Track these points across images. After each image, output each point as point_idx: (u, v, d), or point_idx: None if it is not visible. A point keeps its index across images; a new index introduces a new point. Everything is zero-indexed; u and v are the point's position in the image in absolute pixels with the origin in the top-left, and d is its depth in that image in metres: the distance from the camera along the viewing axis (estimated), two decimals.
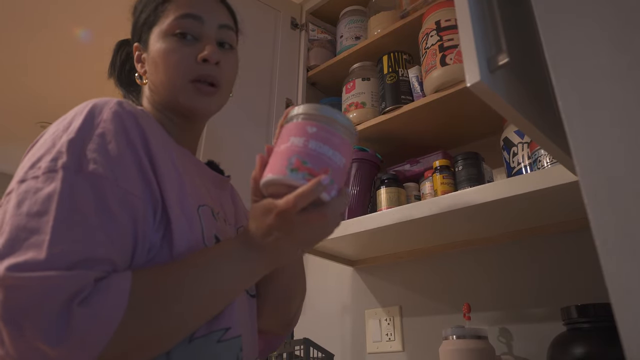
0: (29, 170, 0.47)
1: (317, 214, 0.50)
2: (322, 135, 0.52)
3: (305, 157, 0.50)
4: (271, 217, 0.50)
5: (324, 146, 0.52)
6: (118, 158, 0.49)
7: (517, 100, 0.62)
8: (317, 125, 0.52)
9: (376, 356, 1.31)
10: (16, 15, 1.98)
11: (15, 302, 0.38)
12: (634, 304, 0.42)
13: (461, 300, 1.17)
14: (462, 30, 0.59)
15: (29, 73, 2.36)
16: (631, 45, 0.49)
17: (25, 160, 0.51)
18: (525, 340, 1.05)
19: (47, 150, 0.48)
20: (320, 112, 0.53)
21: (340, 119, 0.54)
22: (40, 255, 0.40)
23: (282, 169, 0.50)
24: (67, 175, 0.46)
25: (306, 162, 0.50)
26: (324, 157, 0.51)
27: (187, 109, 0.65)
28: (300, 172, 0.50)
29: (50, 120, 2.79)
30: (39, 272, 0.39)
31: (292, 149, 0.51)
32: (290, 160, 0.50)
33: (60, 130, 0.51)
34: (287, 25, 1.45)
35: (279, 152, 0.52)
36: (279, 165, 0.51)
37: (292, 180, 0.49)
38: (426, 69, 1.08)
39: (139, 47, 0.69)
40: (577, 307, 0.79)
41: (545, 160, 0.88)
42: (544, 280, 1.07)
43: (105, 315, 0.41)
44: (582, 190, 0.48)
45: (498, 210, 0.95)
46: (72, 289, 0.40)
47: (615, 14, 0.51)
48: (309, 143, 0.51)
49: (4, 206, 0.46)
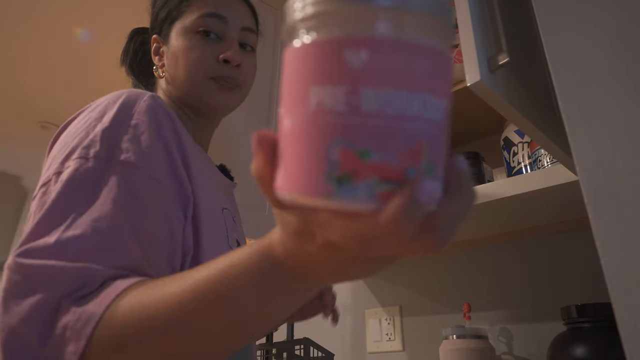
0: (65, 162, 0.45)
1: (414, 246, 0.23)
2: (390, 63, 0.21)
3: (364, 139, 0.21)
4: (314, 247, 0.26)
5: (396, 93, 0.21)
6: (151, 150, 0.47)
7: (517, 99, 0.62)
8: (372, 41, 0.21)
9: (376, 356, 1.31)
10: (16, 15, 1.98)
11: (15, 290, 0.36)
12: (634, 304, 0.42)
13: (461, 300, 1.17)
14: (462, 29, 0.59)
15: (29, 73, 2.36)
16: (631, 45, 0.49)
17: (56, 150, 0.49)
18: (525, 339, 1.05)
19: (81, 140, 0.47)
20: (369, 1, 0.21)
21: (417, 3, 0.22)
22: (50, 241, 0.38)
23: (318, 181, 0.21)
24: (98, 163, 0.44)
25: (368, 151, 0.21)
26: (405, 122, 0.21)
27: (206, 104, 0.65)
28: (360, 180, 0.21)
29: (50, 120, 2.79)
30: (43, 261, 0.37)
31: (325, 124, 0.21)
32: (331, 156, 0.21)
33: (92, 119, 0.49)
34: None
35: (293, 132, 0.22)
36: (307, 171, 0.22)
37: (345, 203, 0.21)
38: None
39: (158, 39, 0.69)
40: (577, 307, 0.79)
41: (546, 160, 0.88)
42: (544, 280, 1.07)
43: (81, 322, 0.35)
44: (583, 190, 0.48)
45: (498, 210, 0.95)
46: (73, 284, 0.36)
47: (616, 15, 0.51)
48: (361, 98, 0.21)
49: (39, 198, 0.44)
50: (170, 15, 0.68)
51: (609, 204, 0.46)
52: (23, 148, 3.17)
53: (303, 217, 0.25)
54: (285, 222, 0.27)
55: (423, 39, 0.22)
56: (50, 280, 0.36)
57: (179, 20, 0.67)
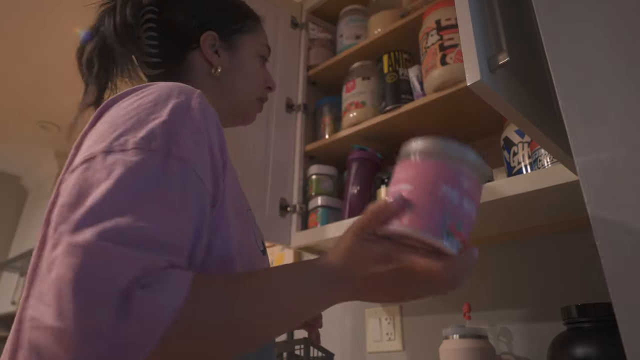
0: (114, 142, 0.44)
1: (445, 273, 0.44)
2: (474, 191, 0.45)
3: (460, 220, 0.44)
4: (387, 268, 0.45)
5: (473, 205, 0.45)
6: (200, 148, 0.48)
7: (517, 99, 0.62)
8: (471, 179, 0.45)
9: (376, 355, 1.31)
10: (16, 15, 1.98)
11: (91, 271, 0.35)
12: (634, 304, 0.42)
13: (461, 300, 1.17)
14: (462, 29, 0.59)
15: (29, 73, 2.36)
16: (631, 45, 0.49)
17: (102, 128, 0.48)
18: (525, 339, 1.05)
19: (133, 126, 0.46)
20: (470, 158, 0.46)
21: (481, 163, 0.47)
22: (124, 229, 0.38)
23: (437, 230, 0.43)
24: (158, 157, 0.44)
25: (460, 227, 0.44)
26: (471, 219, 0.45)
27: (246, 118, 0.76)
28: (455, 238, 0.43)
29: (50, 120, 2.79)
30: (121, 247, 0.36)
31: (446, 205, 0.43)
32: (446, 221, 0.43)
33: (144, 107, 0.48)
34: (288, 24, 1.45)
35: (429, 197, 0.44)
36: (433, 221, 0.43)
37: (447, 247, 0.43)
38: (426, 68, 1.08)
39: (216, 37, 0.70)
40: (578, 307, 0.79)
41: (546, 160, 0.87)
42: (544, 280, 1.07)
43: (164, 302, 0.36)
44: (583, 190, 0.48)
45: (498, 210, 0.95)
46: (140, 271, 0.37)
47: (616, 14, 0.51)
48: (463, 202, 0.44)
49: (82, 173, 0.43)
50: (243, 25, 0.74)
51: (609, 204, 0.46)
52: (23, 148, 3.17)
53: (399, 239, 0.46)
54: (369, 249, 0.46)
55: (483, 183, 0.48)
56: (124, 264, 0.36)
57: (250, 35, 0.75)
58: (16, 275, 3.01)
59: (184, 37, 0.69)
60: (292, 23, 1.47)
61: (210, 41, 0.70)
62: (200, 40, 0.69)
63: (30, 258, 0.50)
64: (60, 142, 3.05)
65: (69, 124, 0.68)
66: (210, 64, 0.69)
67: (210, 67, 0.69)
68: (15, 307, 2.80)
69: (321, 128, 1.39)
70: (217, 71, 0.69)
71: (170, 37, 0.69)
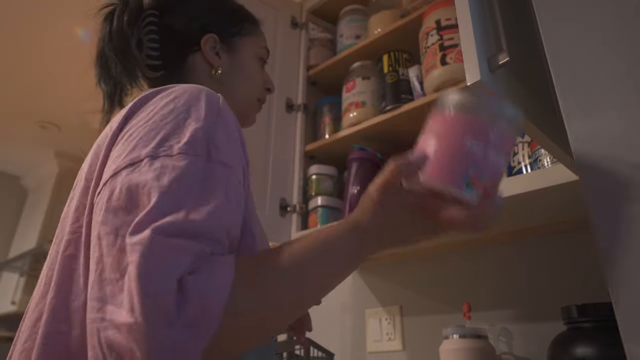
0: (159, 147, 0.46)
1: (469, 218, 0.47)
2: (502, 141, 0.46)
3: (483, 172, 0.45)
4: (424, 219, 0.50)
5: (500, 156, 0.46)
6: (235, 149, 0.50)
7: (517, 99, 0.62)
8: (501, 131, 0.46)
9: (376, 355, 1.31)
10: (16, 15, 1.98)
11: (150, 264, 0.37)
12: (635, 304, 0.42)
13: (461, 300, 1.17)
14: (462, 29, 0.59)
15: (29, 73, 2.37)
16: (631, 45, 0.49)
17: (141, 131, 0.48)
18: (525, 339, 1.05)
19: (174, 130, 0.47)
20: (502, 108, 0.47)
21: (517, 116, 0.48)
22: (175, 223, 0.40)
23: (458, 181, 0.45)
24: (202, 161, 0.45)
25: (483, 177, 0.45)
26: (499, 170, 0.46)
27: (246, 119, 0.76)
28: (475, 188, 0.45)
29: (50, 120, 2.79)
30: (172, 239, 0.39)
31: (470, 157, 0.45)
32: (468, 173, 0.45)
33: (180, 111, 0.49)
34: (287, 24, 1.45)
35: (452, 151, 0.46)
36: (453, 174, 0.45)
37: (466, 197, 0.45)
38: (426, 68, 1.08)
39: (217, 40, 0.71)
40: (578, 307, 0.79)
41: (546, 160, 0.88)
42: (544, 280, 1.07)
43: (215, 280, 0.39)
44: (583, 190, 0.48)
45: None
46: (191, 259, 0.39)
47: (616, 14, 0.51)
48: (489, 153, 0.45)
49: (127, 176, 0.44)
50: (242, 28, 0.75)
51: (610, 203, 0.46)
52: (23, 148, 3.17)
53: (430, 198, 0.48)
54: (405, 201, 0.50)
55: (515, 133, 0.49)
56: (177, 254, 0.38)
57: (249, 38, 0.76)
58: (16, 275, 3.00)
59: (185, 39, 0.70)
60: (292, 23, 1.47)
61: (211, 43, 0.71)
62: (201, 42, 0.70)
63: (30, 258, 0.51)
64: (60, 142, 3.05)
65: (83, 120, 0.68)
66: (211, 65, 0.70)
67: (210, 68, 0.70)
68: (15, 307, 2.79)
69: (321, 128, 1.39)
70: (217, 73, 0.70)
71: (171, 40, 0.70)
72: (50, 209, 3.09)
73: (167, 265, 0.37)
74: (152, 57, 0.68)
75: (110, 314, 0.37)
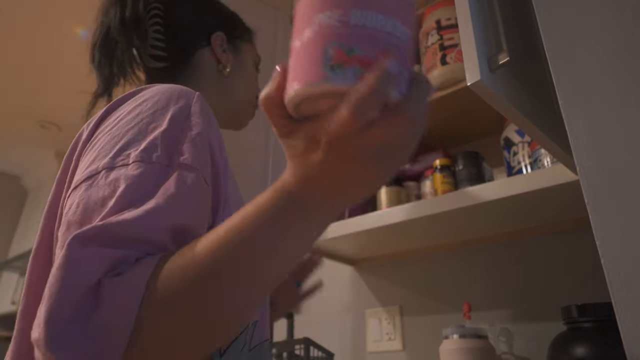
0: (117, 158, 0.44)
1: (392, 122, 0.30)
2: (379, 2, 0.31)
3: (350, 41, 0.30)
4: (320, 151, 0.33)
5: (375, 16, 0.31)
6: (204, 153, 0.48)
7: (517, 99, 0.62)
8: None
9: (376, 355, 1.31)
10: (16, 15, 1.98)
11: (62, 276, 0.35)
12: (634, 304, 0.42)
13: (461, 300, 1.17)
14: (462, 29, 0.59)
15: (29, 73, 2.36)
16: (632, 46, 0.49)
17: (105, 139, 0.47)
18: (525, 339, 1.05)
19: (135, 137, 0.46)
20: None
21: None
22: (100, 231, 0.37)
23: (317, 70, 0.30)
24: (158, 168, 0.44)
25: (353, 48, 0.30)
26: (380, 34, 0.31)
27: (240, 123, 0.79)
28: (348, 66, 0.30)
29: (50, 120, 2.79)
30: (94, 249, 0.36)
31: (324, 34, 0.31)
32: (327, 53, 0.30)
33: (144, 114, 0.48)
34: (288, 24, 1.45)
35: (302, 45, 0.32)
36: (309, 66, 0.31)
37: (336, 83, 0.30)
38: (426, 68, 1.08)
39: (224, 38, 0.74)
40: (578, 307, 0.79)
41: (546, 160, 0.87)
42: (545, 280, 1.07)
43: (129, 280, 0.36)
44: (583, 190, 0.48)
45: (498, 210, 0.95)
46: (111, 266, 0.36)
47: (617, 15, 0.51)
48: (350, 16, 0.31)
49: (85, 191, 0.43)
50: (244, 35, 0.79)
51: (609, 204, 0.46)
52: (23, 148, 3.17)
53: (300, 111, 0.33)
54: (292, 146, 0.35)
55: None
56: (96, 263, 0.36)
57: (249, 44, 0.79)
58: (16, 275, 3.01)
59: (195, 34, 0.72)
60: (292, 22, 1.47)
61: (220, 41, 0.73)
62: (210, 39, 0.72)
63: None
64: (60, 142, 3.05)
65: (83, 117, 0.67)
66: (219, 62, 0.73)
67: (217, 65, 0.73)
68: (15, 307, 2.80)
69: None
70: (225, 69, 0.73)
71: (178, 33, 0.71)
72: None
73: (78, 277, 0.35)
74: (158, 48, 0.69)
75: (34, 331, 0.35)
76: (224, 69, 0.73)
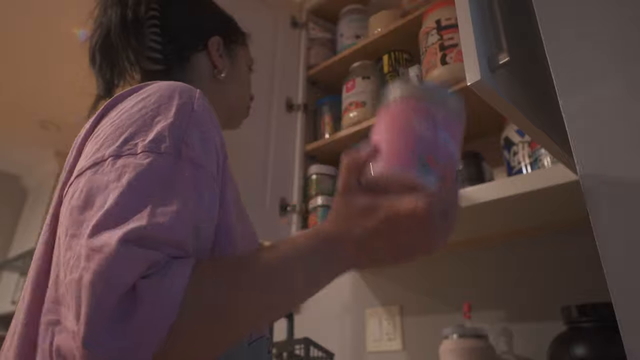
0: (123, 146, 0.44)
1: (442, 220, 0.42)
2: (451, 127, 0.43)
3: (438, 153, 0.41)
4: (377, 220, 0.42)
5: (451, 141, 0.43)
6: (208, 147, 0.48)
7: (517, 99, 0.62)
8: (446, 115, 0.43)
9: (376, 355, 1.31)
10: (17, 15, 1.98)
11: (105, 274, 0.36)
12: (634, 304, 0.42)
13: (461, 300, 1.17)
14: (462, 29, 0.59)
15: (29, 73, 2.36)
16: (632, 45, 0.49)
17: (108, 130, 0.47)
18: (525, 339, 1.05)
19: (140, 128, 0.46)
20: (442, 93, 0.45)
21: (459, 102, 0.45)
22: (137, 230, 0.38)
23: (413, 162, 0.40)
24: (168, 158, 0.44)
25: (439, 159, 0.40)
26: (453, 155, 0.43)
27: (235, 124, 0.81)
28: (433, 170, 0.40)
29: (50, 120, 2.79)
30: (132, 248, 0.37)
31: (422, 138, 0.41)
32: (421, 154, 0.40)
33: (149, 109, 0.48)
34: (287, 24, 1.45)
35: (398, 137, 0.42)
36: (405, 157, 0.41)
37: (423, 180, 0.40)
38: (426, 68, 1.08)
39: (221, 43, 0.75)
40: (578, 307, 0.79)
41: (546, 160, 0.87)
42: (545, 280, 1.07)
43: (168, 284, 0.37)
44: (583, 189, 0.48)
45: (498, 210, 0.95)
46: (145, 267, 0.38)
47: (617, 14, 0.51)
48: (439, 135, 0.41)
49: (91, 176, 0.43)
50: (240, 39, 0.80)
51: (609, 204, 0.46)
52: (23, 148, 3.17)
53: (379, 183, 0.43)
54: (349, 204, 0.44)
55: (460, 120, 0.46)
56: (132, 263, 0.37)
57: (244, 47, 0.80)
58: (16, 275, 3.00)
59: (192, 37, 0.72)
60: (292, 23, 1.47)
61: (217, 46, 0.73)
62: (207, 43, 0.72)
63: (30, 258, 0.51)
64: (60, 142, 3.05)
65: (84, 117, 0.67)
66: (215, 66, 0.73)
67: (213, 69, 0.73)
68: (15, 307, 2.79)
69: (321, 128, 1.39)
70: (221, 74, 0.73)
71: (174, 36, 0.70)
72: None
73: (120, 276, 0.36)
74: (154, 50, 0.68)
75: (64, 317, 0.36)
76: (219, 74, 0.72)
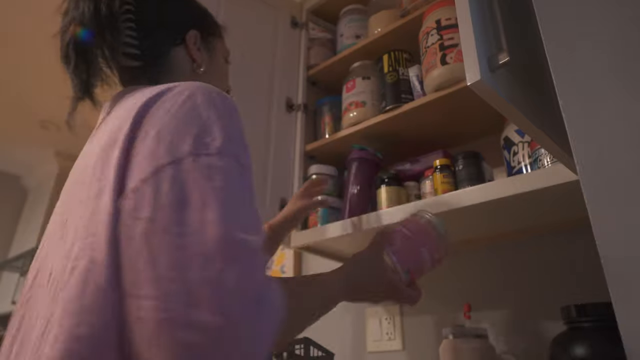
0: (197, 146, 0.45)
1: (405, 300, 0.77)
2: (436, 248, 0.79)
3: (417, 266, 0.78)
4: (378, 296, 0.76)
5: (429, 258, 0.78)
6: (248, 151, 0.51)
7: (517, 99, 0.62)
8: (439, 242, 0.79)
9: (376, 355, 1.31)
10: (17, 15, 1.98)
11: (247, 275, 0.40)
12: (634, 304, 0.42)
13: (461, 300, 1.17)
14: (462, 29, 0.59)
15: (29, 73, 2.36)
16: (632, 45, 0.49)
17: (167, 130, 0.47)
18: (525, 339, 1.05)
19: (203, 129, 0.47)
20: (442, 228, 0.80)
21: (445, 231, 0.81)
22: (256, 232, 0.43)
23: (405, 267, 0.76)
24: (234, 162, 0.47)
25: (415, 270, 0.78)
26: (425, 268, 0.79)
27: None
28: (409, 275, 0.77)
29: (50, 120, 2.79)
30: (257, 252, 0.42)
31: (417, 257, 0.78)
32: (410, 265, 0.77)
33: (201, 109, 0.49)
34: (287, 24, 1.45)
35: (413, 248, 0.78)
36: (407, 260, 0.76)
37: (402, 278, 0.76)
38: (426, 68, 1.08)
39: (198, 36, 0.73)
40: (578, 307, 0.79)
41: (546, 160, 0.87)
42: (545, 279, 1.07)
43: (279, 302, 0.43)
44: (583, 189, 0.48)
45: (498, 210, 0.95)
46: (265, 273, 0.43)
47: (617, 14, 0.51)
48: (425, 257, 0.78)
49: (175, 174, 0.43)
50: (217, 31, 0.79)
51: (609, 204, 0.46)
52: (23, 148, 3.17)
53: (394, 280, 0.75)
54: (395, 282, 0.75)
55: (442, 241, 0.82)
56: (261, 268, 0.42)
57: (220, 40, 0.80)
58: (16, 275, 3.00)
59: (169, 32, 0.71)
60: (292, 23, 1.47)
61: (194, 39, 0.72)
62: (185, 37, 0.71)
63: (30, 258, 0.49)
64: (60, 142, 3.05)
65: (65, 121, 0.66)
66: (193, 60, 0.72)
67: (192, 63, 0.72)
68: (14, 307, 2.78)
69: (321, 128, 1.39)
70: (200, 68, 0.72)
71: (153, 31, 0.68)
72: (50, 209, 3.06)
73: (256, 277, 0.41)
74: (131, 46, 0.66)
75: (186, 314, 0.37)
76: (198, 68, 0.72)
